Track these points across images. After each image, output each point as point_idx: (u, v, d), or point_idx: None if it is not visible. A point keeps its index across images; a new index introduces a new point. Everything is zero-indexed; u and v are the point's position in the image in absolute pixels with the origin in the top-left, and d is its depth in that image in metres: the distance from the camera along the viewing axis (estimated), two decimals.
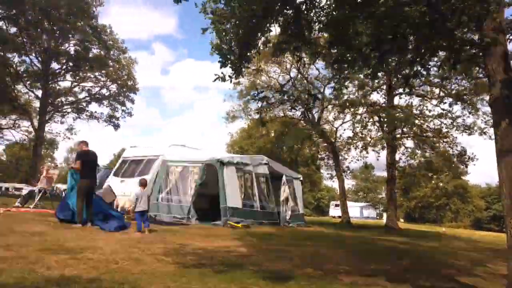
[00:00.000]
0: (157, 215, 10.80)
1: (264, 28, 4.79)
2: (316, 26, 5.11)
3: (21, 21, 25.50)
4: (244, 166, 11.87)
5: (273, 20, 4.84)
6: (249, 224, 10.73)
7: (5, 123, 33.16)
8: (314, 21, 5.05)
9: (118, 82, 29.89)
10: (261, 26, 4.73)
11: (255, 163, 12.57)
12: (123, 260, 4.64)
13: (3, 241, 5.15)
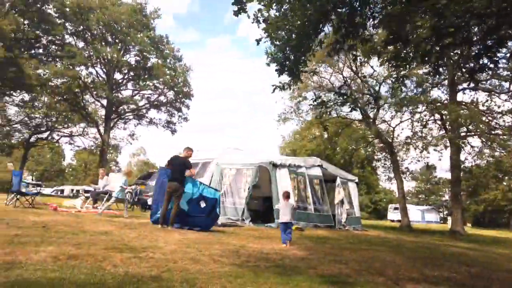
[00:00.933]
0: None
1: (317, 30, 4.73)
2: (370, 23, 4.95)
3: (87, 36, 27.74)
4: (297, 168, 11.79)
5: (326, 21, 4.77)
6: (303, 227, 10.61)
7: (76, 131, 36.27)
8: (369, 17, 4.89)
9: (174, 89, 31.27)
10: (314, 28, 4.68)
11: (308, 165, 12.42)
12: (182, 260, 4.81)
13: (74, 239, 5.58)
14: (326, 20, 4.75)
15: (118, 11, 26.72)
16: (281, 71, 4.88)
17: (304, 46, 4.81)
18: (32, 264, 3.84)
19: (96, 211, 11.15)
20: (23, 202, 10.34)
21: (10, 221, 6.80)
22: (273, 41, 4.80)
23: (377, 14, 4.86)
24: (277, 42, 4.79)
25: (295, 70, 4.91)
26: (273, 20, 4.70)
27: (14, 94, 28.08)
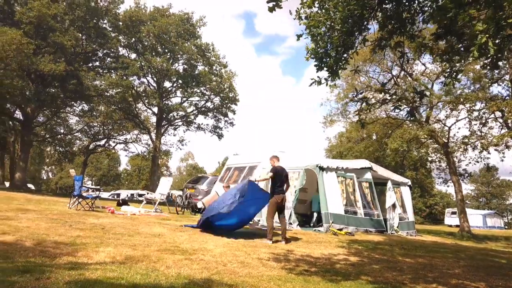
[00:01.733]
0: (260, 220, 11.13)
1: (361, 27, 4.60)
2: (420, 17, 4.72)
3: (139, 47, 29.21)
4: (345, 171, 11.51)
5: (370, 17, 4.62)
6: (353, 232, 10.32)
7: (130, 138, 38.35)
8: (418, 11, 4.66)
9: (220, 95, 31.95)
10: (358, 25, 4.56)
11: (356, 167, 12.09)
12: (231, 263, 4.88)
13: (130, 241, 5.87)
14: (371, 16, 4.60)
15: (167, 22, 27.88)
16: (320, 67, 4.79)
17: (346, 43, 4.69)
18: (92, 263, 4.10)
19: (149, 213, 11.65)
20: (84, 205, 11.06)
21: (72, 223, 7.31)
22: (313, 38, 4.73)
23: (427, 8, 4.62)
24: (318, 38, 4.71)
25: (334, 67, 4.80)
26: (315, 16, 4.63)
27: (75, 104, 30.28)
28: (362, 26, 4.57)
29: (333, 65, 4.69)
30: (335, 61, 4.67)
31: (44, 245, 4.86)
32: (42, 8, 21.02)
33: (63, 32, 22.56)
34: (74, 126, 37.02)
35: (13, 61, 19.58)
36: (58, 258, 4.16)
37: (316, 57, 4.69)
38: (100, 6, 25.06)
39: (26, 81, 21.86)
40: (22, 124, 26.87)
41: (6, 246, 4.53)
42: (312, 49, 4.73)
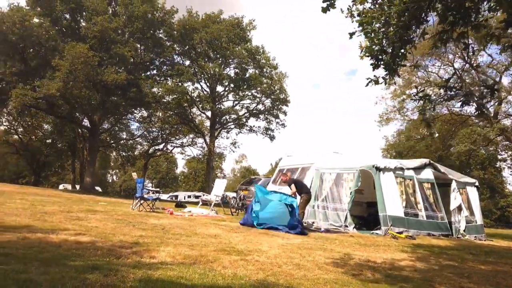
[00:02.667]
0: (315, 222, 10.98)
1: (419, 20, 4.35)
2: (485, 5, 4.35)
3: (192, 54, 30.28)
4: (404, 171, 10.96)
5: (429, 9, 4.35)
6: (414, 235, 9.79)
7: (186, 141, 39.94)
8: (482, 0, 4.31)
9: (271, 96, 32.08)
10: (415, 18, 4.31)
11: (416, 167, 11.46)
12: (286, 264, 4.85)
13: (188, 241, 6.08)
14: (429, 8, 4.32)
15: (218, 28, 28.62)
16: (376, 65, 4.58)
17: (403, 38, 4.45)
18: (154, 262, 4.30)
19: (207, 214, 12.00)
20: (145, 206, 11.67)
21: (135, 224, 7.74)
22: (367, 35, 4.54)
23: None
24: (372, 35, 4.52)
25: (392, 64, 4.56)
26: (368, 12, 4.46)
27: (135, 111, 32.18)
28: (420, 19, 4.32)
29: (390, 62, 4.48)
30: (392, 57, 4.46)
31: (111, 244, 5.19)
32: (104, 22, 22.59)
33: (124, 44, 24.06)
34: (135, 131, 39.44)
35: (81, 73, 21.25)
36: (123, 256, 4.42)
37: (371, 55, 4.51)
38: (156, 17, 26.38)
39: (92, 91, 23.61)
40: (90, 131, 29.08)
41: (78, 245, 4.91)
42: (367, 47, 4.56)
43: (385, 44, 4.50)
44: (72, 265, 3.75)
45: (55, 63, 21.18)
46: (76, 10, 24.57)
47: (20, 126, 40.75)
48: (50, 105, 24.78)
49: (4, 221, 6.36)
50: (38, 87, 21.88)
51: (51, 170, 50.48)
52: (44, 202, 11.13)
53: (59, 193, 19.73)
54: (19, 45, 22.46)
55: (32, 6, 23.72)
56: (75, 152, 40.39)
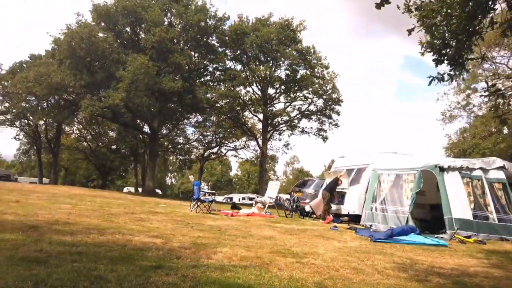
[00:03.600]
0: (373, 225, 10.58)
1: (485, 9, 4.01)
2: None
3: (243, 59, 30.78)
4: (471, 171, 10.17)
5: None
6: (484, 239, 9.04)
7: (239, 144, 40.70)
8: None
9: (323, 97, 31.59)
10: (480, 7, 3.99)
11: (485, 167, 10.58)
12: (343, 268, 4.72)
13: (244, 242, 6.16)
14: None
15: (268, 31, 28.81)
16: (439, 60, 4.28)
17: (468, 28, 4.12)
18: (212, 262, 4.41)
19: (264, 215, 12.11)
20: (202, 208, 12.05)
21: (193, 225, 8.01)
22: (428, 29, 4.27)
23: None
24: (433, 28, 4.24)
25: (457, 57, 4.24)
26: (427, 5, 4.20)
27: (191, 116, 33.47)
28: (486, 7, 3.98)
29: (455, 56, 4.17)
30: (456, 50, 4.15)
31: (171, 244, 5.42)
32: (162, 33, 23.79)
33: (179, 52, 25.14)
34: (190, 136, 41.01)
35: (142, 83, 22.57)
36: (183, 256, 4.59)
37: (433, 50, 4.24)
38: (209, 25, 27.24)
39: (152, 99, 24.94)
40: (150, 137, 30.71)
41: (141, 245, 5.19)
42: (427, 42, 4.30)
43: (447, 38, 4.21)
44: (136, 263, 3.97)
45: (118, 74, 22.70)
46: (135, 23, 26.15)
47: (88, 134, 44.21)
48: (115, 113, 26.59)
49: (77, 222, 6.91)
50: (104, 98, 23.59)
51: (116, 174, 54.13)
52: (111, 204, 11.94)
53: (123, 195, 21.06)
54: (86, 59, 24.40)
55: (97, 22, 25.65)
56: (137, 157, 42.91)
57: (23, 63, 36.21)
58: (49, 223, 6.31)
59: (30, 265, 3.48)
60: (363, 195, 11.77)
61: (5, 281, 2.92)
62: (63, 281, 3.06)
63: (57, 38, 25.24)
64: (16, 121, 38.75)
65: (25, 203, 9.70)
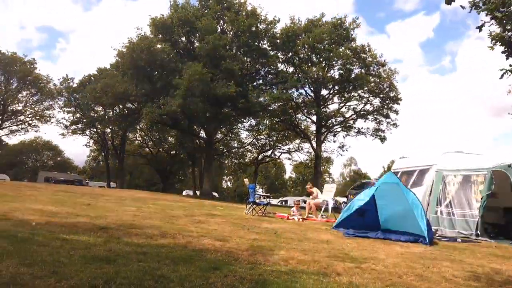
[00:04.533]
0: (438, 229, 9.93)
1: None
2: None
3: (295, 60, 30.64)
4: None
5: None
6: None
7: (292, 147, 40.55)
8: None
9: (380, 95, 30.41)
10: None
11: None
12: (406, 275, 4.48)
13: (300, 246, 6.10)
14: None
15: (320, 31, 28.41)
16: (511, 53, 3.93)
17: None
18: (268, 265, 4.42)
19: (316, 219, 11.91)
20: (258, 211, 12.15)
21: (249, 227, 8.09)
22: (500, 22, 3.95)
23: None
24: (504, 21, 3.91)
25: None
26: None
27: (244, 120, 34.01)
28: None
29: None
30: None
31: (229, 246, 5.53)
32: (215, 40, 24.52)
33: (232, 58, 25.72)
34: (244, 140, 41.69)
35: (197, 89, 23.42)
36: (240, 258, 4.66)
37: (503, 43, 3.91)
38: (260, 29, 27.54)
39: (206, 105, 25.76)
40: (206, 142, 31.70)
41: (201, 246, 5.36)
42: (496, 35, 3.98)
43: None
44: (196, 264, 4.10)
45: (175, 82, 23.78)
46: (190, 32, 27.22)
47: (150, 140, 46.76)
48: (173, 120, 27.85)
49: (141, 223, 7.32)
50: (162, 105, 24.81)
51: (176, 178, 56.63)
52: (172, 207, 12.49)
53: (183, 198, 21.92)
54: (146, 69, 25.88)
55: (155, 34, 27.12)
56: (195, 161, 44.48)
57: (92, 76, 39.40)
58: (117, 225, 6.74)
59: (100, 264, 3.75)
60: (427, 198, 11.10)
61: (79, 278, 3.16)
62: (130, 279, 3.25)
63: (120, 51, 27.06)
64: (86, 129, 42.29)
65: (95, 206, 10.48)
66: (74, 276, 3.21)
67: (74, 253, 4.13)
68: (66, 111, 40.29)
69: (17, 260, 3.56)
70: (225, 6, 27.48)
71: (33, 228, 5.64)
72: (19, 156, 64.02)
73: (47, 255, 3.89)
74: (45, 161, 67.38)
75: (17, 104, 38.53)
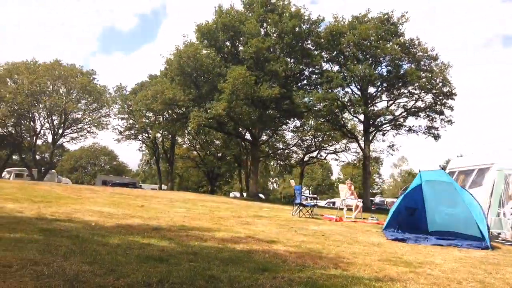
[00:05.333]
0: (501, 233, 9.22)
1: None
2: None
3: (340, 59, 30.01)
4: None
5: None
6: None
7: (339, 147, 39.72)
8: None
9: (432, 91, 28.88)
10: None
11: None
12: (466, 281, 4.21)
13: (350, 249, 5.94)
14: None
15: (366, 28, 27.56)
16: None
17: None
18: (317, 268, 4.35)
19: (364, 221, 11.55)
20: (305, 212, 12.03)
21: (297, 229, 8.03)
22: None
23: None
24: None
25: None
26: None
27: (289, 122, 33.86)
28: None
29: None
30: None
31: (276, 248, 5.53)
32: (258, 43, 24.71)
33: (276, 60, 25.75)
34: (290, 141, 41.51)
35: (241, 92, 23.74)
36: (288, 260, 4.64)
37: None
38: (303, 29, 27.32)
39: (251, 107, 25.98)
40: (251, 144, 31.98)
41: (248, 247, 5.40)
42: None
43: None
44: (245, 265, 4.14)
45: (220, 86, 24.28)
46: (234, 36, 27.64)
47: (197, 143, 48.09)
48: (219, 123, 28.40)
49: (191, 224, 7.54)
50: (209, 109, 25.43)
51: (223, 180, 57.71)
52: (219, 208, 12.74)
53: (230, 200, 22.28)
54: (193, 75, 26.69)
55: (200, 40, 27.88)
56: (241, 163, 45.05)
57: (143, 83, 41.39)
58: (168, 226, 7.01)
59: (154, 263, 3.91)
60: (488, 199, 10.34)
61: (135, 276, 3.32)
62: (182, 279, 3.36)
63: (169, 59, 28.14)
64: (139, 135, 44.50)
65: (148, 207, 10.97)
66: (130, 274, 3.38)
67: (130, 252, 4.35)
68: (120, 117, 42.82)
69: (79, 258, 3.81)
70: (269, 9, 27.58)
71: (93, 228, 6.03)
72: (79, 161, 68.81)
73: (105, 254, 4.13)
74: (102, 165, 71.77)
75: (77, 113, 41.44)
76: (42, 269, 3.28)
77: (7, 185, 15.13)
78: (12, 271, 3.15)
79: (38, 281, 2.96)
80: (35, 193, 12.43)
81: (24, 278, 3.00)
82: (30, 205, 8.51)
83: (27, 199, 9.88)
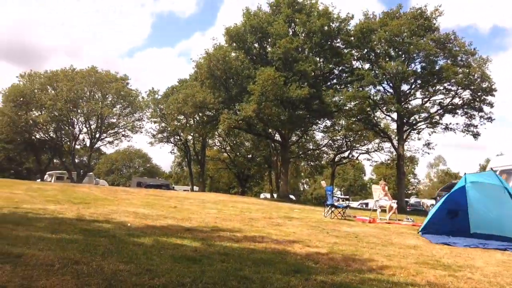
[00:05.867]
0: None
1: None
2: None
3: (371, 57, 29.34)
4: None
5: None
6: None
7: (371, 147, 38.81)
8: None
9: (470, 87, 27.62)
10: None
11: None
12: (510, 286, 3.99)
13: (384, 251, 5.79)
14: None
15: (398, 24, 26.77)
16: None
17: None
18: (350, 270, 4.27)
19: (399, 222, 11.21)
20: (336, 214, 11.84)
21: (329, 231, 7.92)
22: None
23: None
24: None
25: None
26: None
27: (319, 122, 33.45)
28: None
29: None
30: None
31: (308, 249, 5.47)
32: (286, 44, 24.63)
33: (304, 60, 25.56)
34: (320, 141, 41.05)
35: (270, 93, 23.75)
36: (320, 262, 4.58)
37: None
38: (332, 28, 26.96)
39: (280, 108, 25.91)
40: (281, 145, 31.89)
41: (281, 249, 5.38)
42: None
43: None
44: (277, 266, 4.13)
45: (249, 88, 24.40)
46: (262, 38, 27.73)
47: (227, 145, 48.58)
48: (248, 124, 28.54)
49: (222, 225, 7.62)
50: (238, 111, 25.63)
51: (253, 181, 57.94)
52: (250, 209, 12.79)
53: (260, 201, 22.31)
54: (222, 78, 26.99)
55: (229, 43, 28.18)
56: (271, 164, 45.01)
57: (174, 87, 42.34)
58: (201, 226, 7.12)
59: (187, 263, 3.98)
60: None
61: (170, 276, 3.40)
62: (214, 279, 3.40)
63: (199, 62, 28.63)
64: (171, 138, 45.56)
65: (181, 208, 11.19)
66: (165, 274, 3.45)
67: (164, 252, 4.45)
68: (153, 121, 44.02)
69: (117, 258, 3.95)
70: (297, 9, 27.44)
71: (129, 229, 6.22)
72: (115, 164, 71.38)
73: (141, 254, 4.25)
74: (136, 168, 74.11)
75: (112, 117, 43.01)
76: (82, 268, 3.42)
77: (49, 188, 15.94)
78: (55, 270, 3.31)
79: (78, 279, 3.09)
80: (75, 195, 13.02)
81: (65, 276, 3.14)
82: (70, 207, 8.92)
83: (67, 201, 10.36)
